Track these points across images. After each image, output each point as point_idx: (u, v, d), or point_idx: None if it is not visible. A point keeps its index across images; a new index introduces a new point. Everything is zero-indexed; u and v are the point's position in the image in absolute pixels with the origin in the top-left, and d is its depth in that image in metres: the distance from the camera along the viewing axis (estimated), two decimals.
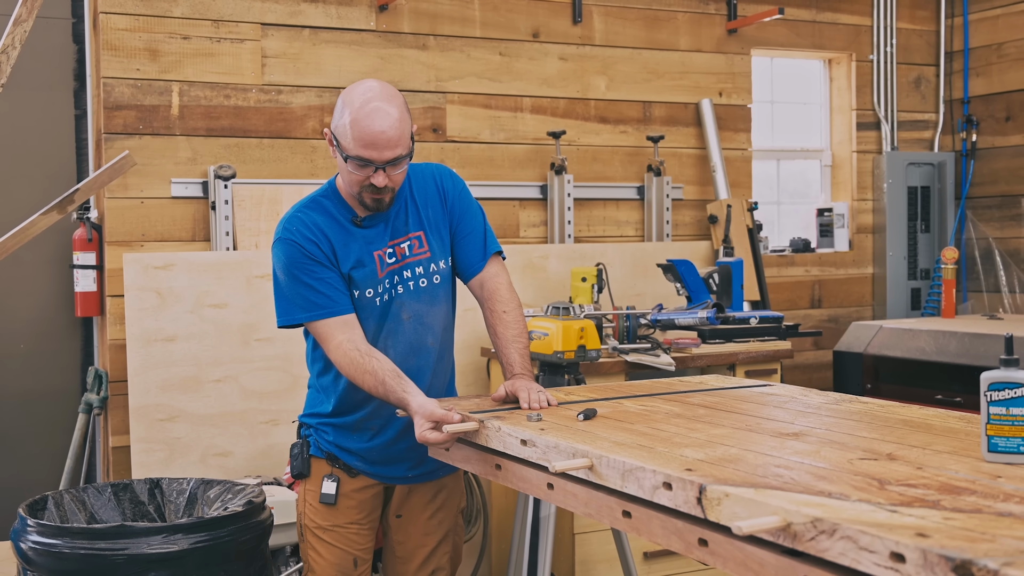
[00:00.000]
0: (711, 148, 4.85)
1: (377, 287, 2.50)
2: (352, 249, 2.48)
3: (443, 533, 2.70)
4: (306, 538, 2.64)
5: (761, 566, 1.49)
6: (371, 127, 2.34)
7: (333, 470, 2.61)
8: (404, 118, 2.39)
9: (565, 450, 1.94)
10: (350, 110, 2.36)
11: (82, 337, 4.14)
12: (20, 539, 2.70)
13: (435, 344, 2.58)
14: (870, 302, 5.40)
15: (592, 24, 4.68)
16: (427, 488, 2.67)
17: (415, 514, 2.67)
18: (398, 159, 2.38)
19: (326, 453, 2.62)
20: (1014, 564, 1.17)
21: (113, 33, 3.87)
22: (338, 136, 2.40)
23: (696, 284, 4.04)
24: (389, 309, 2.51)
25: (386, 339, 2.52)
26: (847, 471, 1.66)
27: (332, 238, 2.47)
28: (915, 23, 5.50)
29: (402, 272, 2.52)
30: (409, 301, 2.52)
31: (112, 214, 3.88)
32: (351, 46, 4.23)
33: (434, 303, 2.57)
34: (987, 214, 5.40)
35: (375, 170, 2.37)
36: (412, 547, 2.67)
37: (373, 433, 2.58)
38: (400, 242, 2.53)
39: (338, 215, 2.50)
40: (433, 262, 2.55)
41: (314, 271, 2.44)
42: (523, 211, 4.55)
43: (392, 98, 2.39)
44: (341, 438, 2.60)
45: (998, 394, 1.68)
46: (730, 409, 2.30)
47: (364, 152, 2.35)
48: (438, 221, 2.58)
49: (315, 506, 2.61)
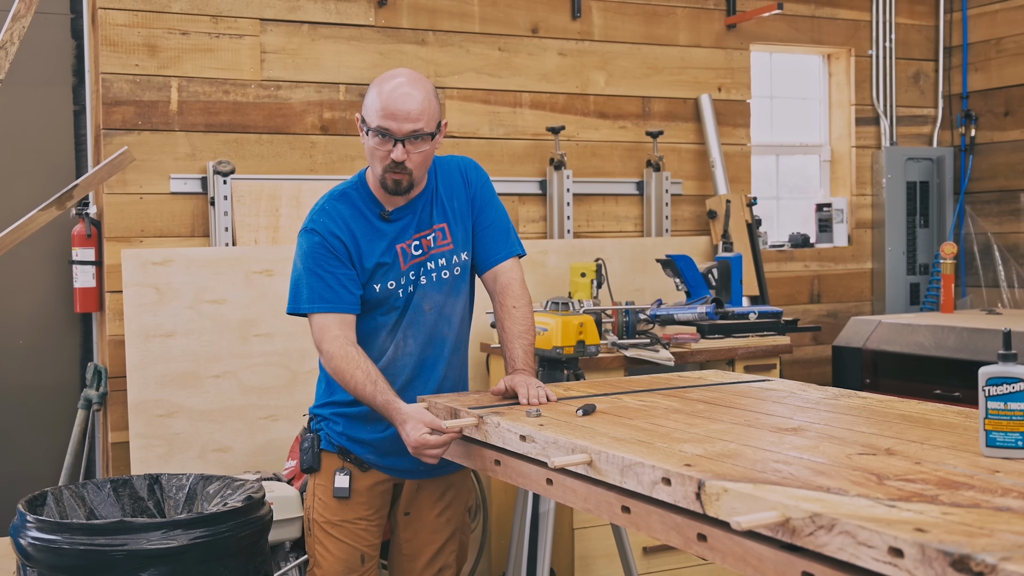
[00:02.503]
0: (710, 143, 4.85)
1: (400, 279, 2.52)
2: (377, 244, 2.51)
3: (451, 531, 2.69)
4: (313, 532, 2.63)
5: (760, 561, 1.50)
6: (394, 99, 2.39)
7: (345, 464, 2.60)
8: (430, 100, 2.43)
9: (564, 446, 1.94)
10: (376, 89, 2.43)
11: (81, 333, 4.14)
12: (19, 535, 2.70)
13: (451, 335, 2.60)
14: (869, 297, 5.41)
15: (591, 19, 4.68)
16: (435, 485, 2.66)
17: (423, 512, 2.67)
18: (418, 135, 2.40)
19: (337, 447, 2.61)
20: (1012, 559, 1.17)
21: (112, 29, 3.87)
22: (364, 114, 2.45)
23: (695, 279, 4.04)
24: (411, 300, 2.53)
25: (407, 329, 2.53)
26: (846, 466, 1.67)
27: (357, 232, 2.50)
28: (914, 18, 5.49)
29: (426, 264, 2.54)
30: (431, 292, 2.54)
31: (111, 210, 3.88)
32: (350, 41, 4.23)
33: (454, 294, 2.59)
34: (986, 209, 5.40)
35: (394, 143, 2.40)
36: (420, 545, 2.67)
37: (387, 423, 2.55)
38: (426, 234, 2.55)
39: (365, 209, 2.53)
40: (455, 254, 2.58)
41: (329, 265, 2.47)
42: (522, 206, 4.55)
43: (419, 82, 2.45)
44: (353, 429, 2.59)
45: (996, 389, 1.68)
46: (729, 404, 2.30)
47: (384, 122, 2.39)
48: (463, 211, 2.61)
49: (325, 500, 2.60)
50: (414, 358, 2.56)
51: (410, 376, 2.56)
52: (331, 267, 2.47)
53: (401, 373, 2.55)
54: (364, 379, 2.38)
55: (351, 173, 4.20)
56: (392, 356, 2.55)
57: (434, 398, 2.47)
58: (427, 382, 2.58)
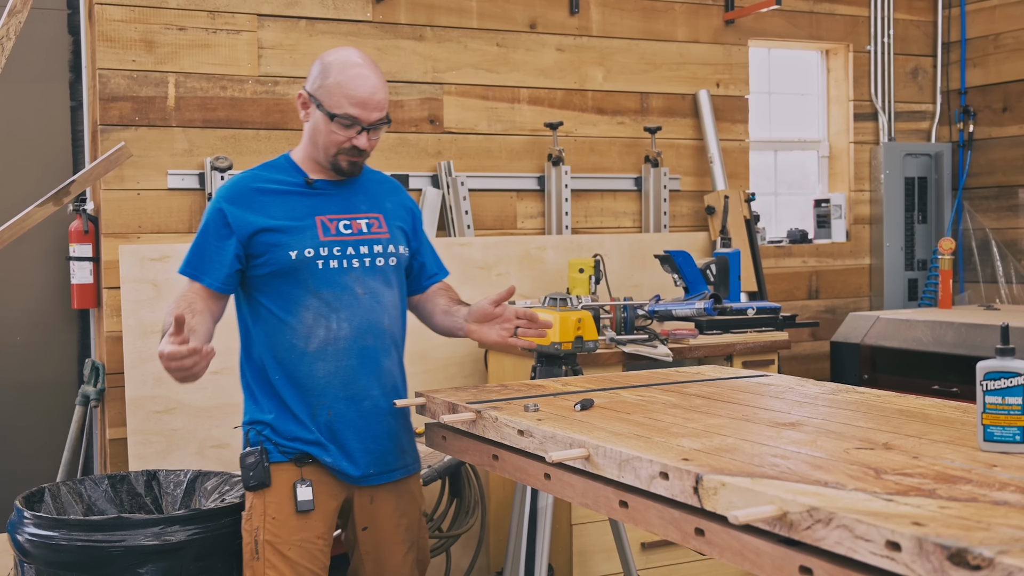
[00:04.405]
0: (708, 139, 4.84)
1: (320, 249, 2.46)
2: (292, 207, 2.49)
3: (412, 539, 2.61)
4: (264, 556, 2.43)
5: (757, 555, 1.50)
6: (363, 87, 2.43)
7: (302, 472, 2.45)
8: (386, 85, 2.50)
9: (562, 440, 1.94)
10: (335, 71, 2.44)
11: (79, 329, 4.14)
12: (17, 531, 2.70)
13: (391, 327, 2.55)
14: (867, 293, 5.41)
15: (589, 15, 4.68)
16: (389, 495, 2.56)
17: (381, 523, 2.56)
18: (381, 123, 2.48)
19: (292, 455, 2.46)
20: (1009, 552, 1.17)
21: (108, 24, 3.86)
22: (321, 97, 2.45)
23: (693, 275, 4.04)
24: (339, 279, 2.47)
25: (338, 311, 2.46)
26: (843, 460, 1.67)
27: (268, 196, 2.49)
28: (912, 14, 5.49)
29: (358, 246, 2.51)
30: (364, 277, 2.50)
31: (108, 206, 3.87)
32: (347, 37, 4.22)
33: (389, 284, 2.56)
34: (984, 205, 5.40)
35: (360, 131, 2.45)
36: (382, 558, 2.57)
37: (328, 406, 2.47)
38: (356, 217, 2.54)
39: (286, 176, 2.54)
40: (392, 244, 2.57)
41: (214, 238, 2.47)
42: (520, 202, 4.55)
43: (375, 65, 2.50)
44: (298, 428, 2.46)
45: (994, 383, 1.68)
46: (727, 399, 2.30)
47: (353, 111, 2.43)
48: (403, 219, 2.65)
49: (280, 519, 2.43)
50: (350, 344, 2.47)
51: (353, 367, 2.47)
52: (214, 240, 2.47)
53: (341, 361, 2.46)
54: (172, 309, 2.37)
55: None
56: (324, 339, 2.45)
57: (432, 392, 2.47)
58: (372, 376, 2.50)
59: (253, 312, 2.53)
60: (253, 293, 2.52)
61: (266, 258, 2.46)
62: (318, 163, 2.54)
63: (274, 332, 2.49)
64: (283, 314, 2.47)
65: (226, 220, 2.47)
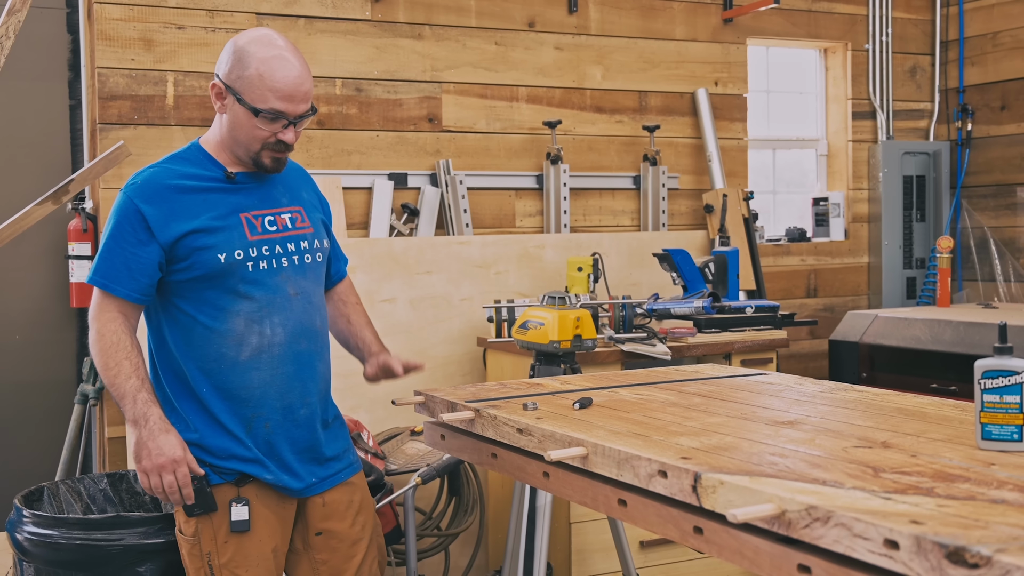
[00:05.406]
0: (707, 137, 4.85)
1: (250, 250, 2.30)
2: (214, 205, 2.30)
3: (368, 538, 2.50)
4: None
5: (756, 553, 1.50)
6: (287, 78, 2.24)
7: (240, 492, 2.31)
8: (309, 69, 2.31)
9: (561, 439, 1.94)
10: (255, 61, 2.24)
11: (77, 328, 4.13)
12: (16, 530, 2.70)
13: (322, 327, 2.44)
14: (866, 291, 5.41)
15: (588, 13, 4.68)
16: (340, 496, 2.45)
17: (336, 526, 2.45)
18: (307, 115, 2.30)
19: (232, 477, 2.32)
20: (1007, 550, 1.18)
21: (107, 23, 3.86)
22: (241, 89, 2.25)
23: (692, 273, 4.04)
24: (270, 280, 2.32)
25: (272, 316, 2.31)
26: (842, 459, 1.67)
27: (186, 194, 2.29)
28: (910, 12, 5.49)
29: (285, 244, 2.35)
30: (295, 276, 2.36)
31: (107, 204, 3.87)
32: (346, 36, 4.22)
33: (318, 282, 2.45)
34: (982, 203, 5.41)
35: (286, 125, 2.27)
36: (340, 562, 2.45)
37: (264, 418, 2.33)
38: (280, 212, 2.38)
39: (203, 170, 2.34)
40: (317, 239, 2.44)
41: (129, 244, 2.25)
42: (519, 201, 4.55)
43: (296, 49, 2.30)
44: (233, 444, 2.31)
45: (992, 382, 1.68)
46: (725, 398, 2.30)
47: (280, 105, 2.24)
48: (321, 212, 2.52)
49: (231, 541, 2.31)
50: (285, 349, 2.33)
51: (289, 374, 2.34)
52: (131, 246, 2.25)
53: (276, 369, 2.33)
54: (129, 370, 2.21)
55: (348, 167, 4.21)
56: (258, 346, 2.30)
57: (431, 391, 2.46)
58: (310, 382, 2.38)
59: (170, 319, 2.32)
60: (171, 299, 2.31)
61: (190, 262, 2.27)
62: (236, 156, 2.35)
63: (199, 341, 2.29)
64: (210, 321, 2.29)
65: (145, 224, 2.25)
